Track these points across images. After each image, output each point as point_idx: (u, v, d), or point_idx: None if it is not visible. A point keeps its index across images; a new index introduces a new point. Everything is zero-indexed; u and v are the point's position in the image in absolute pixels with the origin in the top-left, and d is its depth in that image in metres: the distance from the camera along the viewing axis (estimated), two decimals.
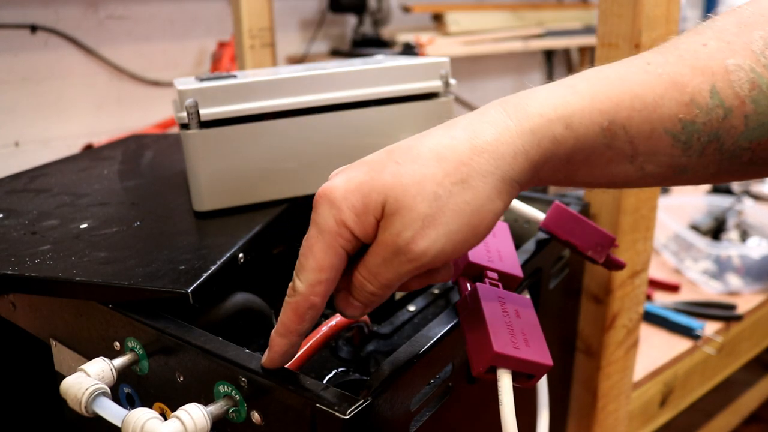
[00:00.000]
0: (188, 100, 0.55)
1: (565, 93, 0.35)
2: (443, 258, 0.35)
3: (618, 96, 0.35)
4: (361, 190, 0.35)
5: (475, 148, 0.35)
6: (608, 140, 0.35)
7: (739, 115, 0.34)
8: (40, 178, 0.71)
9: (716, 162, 0.36)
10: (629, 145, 0.35)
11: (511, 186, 0.35)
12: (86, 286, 0.47)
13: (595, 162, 0.36)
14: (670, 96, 0.35)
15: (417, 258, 0.34)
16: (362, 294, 0.37)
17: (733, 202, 1.25)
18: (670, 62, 0.36)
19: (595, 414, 0.74)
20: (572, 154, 0.35)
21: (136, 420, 0.36)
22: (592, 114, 0.35)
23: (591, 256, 0.53)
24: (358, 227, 0.35)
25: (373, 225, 0.35)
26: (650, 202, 0.68)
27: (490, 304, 0.41)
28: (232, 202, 0.59)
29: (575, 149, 0.35)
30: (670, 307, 1.02)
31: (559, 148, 0.35)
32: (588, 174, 0.37)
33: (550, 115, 0.35)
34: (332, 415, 0.35)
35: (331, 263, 0.35)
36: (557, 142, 0.35)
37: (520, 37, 2.52)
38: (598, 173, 0.37)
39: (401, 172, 0.35)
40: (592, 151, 0.35)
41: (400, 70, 0.62)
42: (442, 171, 0.34)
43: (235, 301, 0.51)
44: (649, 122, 0.35)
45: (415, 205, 0.34)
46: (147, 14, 2.09)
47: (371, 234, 0.35)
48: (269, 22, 1.05)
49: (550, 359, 0.39)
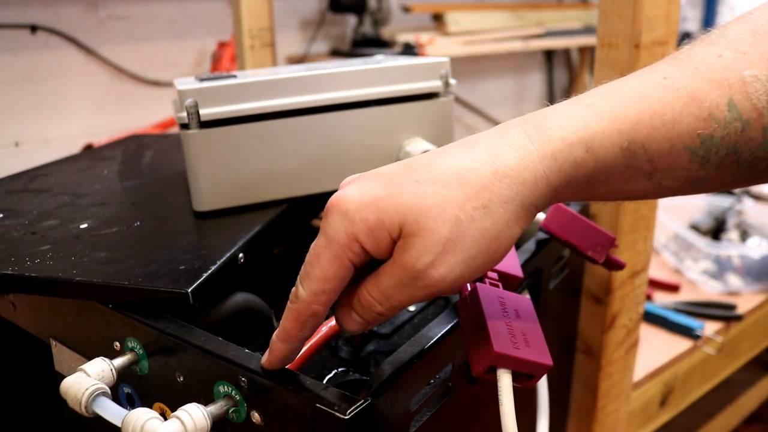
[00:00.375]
0: (188, 100, 0.55)
1: (585, 114, 0.35)
2: (459, 284, 0.35)
3: (637, 115, 0.35)
4: (378, 206, 0.34)
5: (496, 172, 0.34)
6: (628, 160, 0.35)
7: (757, 127, 0.34)
8: (40, 178, 0.71)
9: (733, 173, 0.36)
10: (648, 164, 0.35)
11: (530, 211, 0.35)
12: (86, 286, 0.47)
13: (614, 181, 0.36)
14: (689, 112, 0.34)
15: (435, 284, 0.34)
16: (368, 313, 0.36)
17: (733, 202, 1.25)
18: (687, 76, 0.35)
19: (595, 414, 0.74)
20: (592, 176, 0.35)
21: (136, 420, 0.36)
22: (612, 136, 0.35)
23: (591, 256, 0.53)
24: (369, 243, 0.34)
25: (386, 243, 0.34)
26: (650, 202, 0.68)
27: (490, 304, 0.41)
28: (232, 202, 0.59)
29: (595, 171, 0.35)
30: (670, 307, 1.02)
31: (579, 172, 0.35)
32: (605, 192, 0.37)
33: (571, 138, 0.35)
34: (332, 415, 0.35)
35: (337, 274, 0.35)
36: (578, 166, 0.35)
37: (520, 37, 2.52)
38: (616, 190, 0.37)
39: (422, 192, 0.34)
40: (612, 172, 0.35)
41: (400, 70, 0.62)
42: (463, 195, 0.34)
43: (235, 301, 0.51)
44: (668, 139, 0.35)
45: (436, 228, 0.33)
46: (147, 14, 2.09)
47: (383, 251, 0.35)
48: (269, 22, 1.05)
49: (550, 359, 0.39)
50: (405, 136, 0.63)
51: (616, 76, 0.38)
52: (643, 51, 0.59)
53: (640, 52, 0.59)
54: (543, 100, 3.01)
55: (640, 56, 0.59)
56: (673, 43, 0.62)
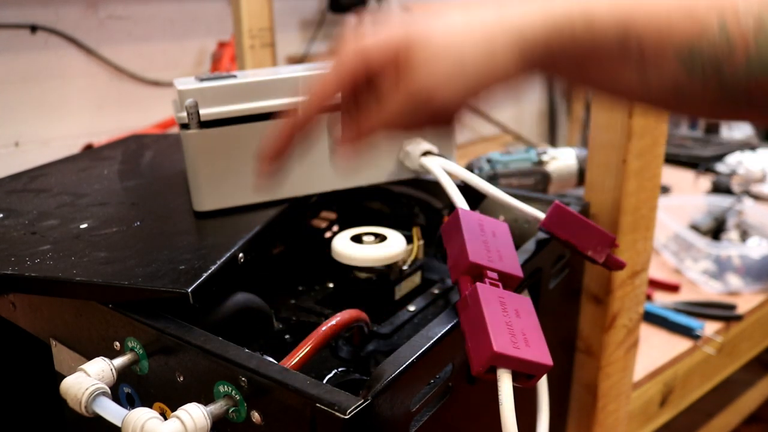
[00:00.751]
0: (188, 100, 0.55)
1: None
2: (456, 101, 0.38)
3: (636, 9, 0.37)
4: (389, 33, 0.38)
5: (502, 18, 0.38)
6: (622, 45, 0.37)
7: (741, 53, 0.36)
8: (40, 178, 0.71)
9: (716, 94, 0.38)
10: (639, 55, 0.37)
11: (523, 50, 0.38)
12: (86, 286, 0.47)
13: (606, 67, 0.38)
14: (683, 22, 0.37)
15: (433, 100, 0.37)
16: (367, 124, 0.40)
17: (733, 202, 1.25)
18: None
19: (595, 414, 0.74)
20: (587, 55, 0.38)
21: (136, 420, 0.36)
22: (609, 20, 0.37)
23: (591, 256, 0.53)
24: (377, 58, 0.38)
25: (392, 62, 0.38)
26: (650, 202, 0.68)
27: (491, 304, 0.41)
28: (232, 202, 0.59)
29: (591, 51, 0.38)
30: (670, 307, 1.02)
31: (576, 46, 0.38)
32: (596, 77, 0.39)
33: (574, 11, 0.37)
34: (332, 415, 0.35)
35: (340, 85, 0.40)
36: (575, 39, 0.37)
37: None
38: (606, 78, 0.39)
39: (431, 26, 0.38)
40: (605, 54, 0.38)
41: None
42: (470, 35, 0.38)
43: (235, 301, 0.51)
44: (660, 39, 0.37)
45: (442, 54, 0.37)
46: (147, 14, 2.09)
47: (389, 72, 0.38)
48: (269, 22, 1.05)
49: (550, 359, 0.39)
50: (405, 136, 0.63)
51: None
52: None
53: None
54: (543, 100, 3.01)
55: None
56: None
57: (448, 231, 0.51)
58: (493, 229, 0.51)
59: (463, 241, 0.47)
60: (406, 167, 0.63)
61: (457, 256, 0.48)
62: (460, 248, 0.48)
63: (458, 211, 0.51)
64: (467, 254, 0.46)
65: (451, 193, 0.56)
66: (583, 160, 0.85)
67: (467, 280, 0.46)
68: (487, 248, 0.48)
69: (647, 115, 0.62)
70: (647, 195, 0.67)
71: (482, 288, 0.43)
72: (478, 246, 0.48)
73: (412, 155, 0.61)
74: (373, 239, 0.59)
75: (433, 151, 0.61)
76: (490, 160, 0.84)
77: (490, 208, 0.67)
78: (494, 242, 0.50)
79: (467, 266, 0.46)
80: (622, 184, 0.64)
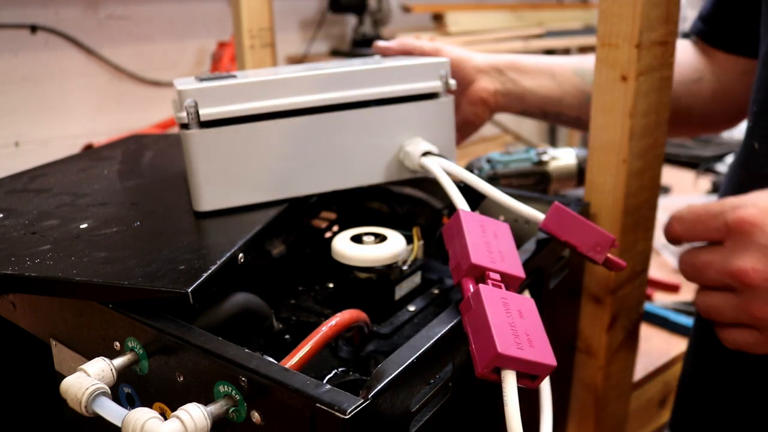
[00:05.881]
0: (188, 100, 0.55)
1: None
2: None
3: None
4: None
5: None
6: None
7: None
8: (40, 178, 0.71)
9: None
10: None
11: None
12: (86, 286, 0.46)
13: None
14: None
15: None
16: None
17: None
18: None
19: (595, 414, 0.74)
20: None
21: (136, 420, 0.36)
22: None
23: (591, 257, 0.53)
24: None
25: None
26: (650, 202, 0.68)
27: (493, 305, 0.41)
28: (232, 202, 0.59)
29: None
30: (670, 307, 1.02)
31: None
32: None
33: None
34: (332, 415, 0.35)
35: None
36: None
37: (520, 37, 2.52)
38: None
39: None
40: None
41: (399, 71, 0.62)
42: None
43: (235, 301, 0.51)
44: None
45: None
46: (147, 14, 2.09)
47: None
48: (269, 22, 1.04)
49: (554, 359, 0.39)
50: (405, 137, 0.63)
51: (616, 76, 0.38)
52: (644, 51, 0.59)
53: (640, 52, 0.59)
54: None
55: (640, 56, 0.59)
56: (673, 43, 0.62)
57: (450, 232, 0.51)
58: (495, 229, 0.51)
59: (465, 243, 0.47)
60: (406, 167, 0.63)
61: (459, 257, 0.48)
62: (461, 250, 0.48)
63: (459, 213, 0.51)
64: (469, 256, 0.46)
65: (451, 193, 0.56)
66: (583, 160, 0.85)
67: (470, 282, 0.46)
68: (489, 249, 0.48)
69: (647, 115, 0.62)
70: (647, 195, 0.67)
71: (485, 289, 0.43)
72: (480, 247, 0.48)
73: (412, 155, 0.61)
74: (373, 239, 0.59)
75: (433, 151, 0.61)
76: (490, 160, 0.84)
77: (490, 209, 0.67)
78: (496, 243, 0.50)
79: (469, 268, 0.46)
80: (622, 184, 0.64)
